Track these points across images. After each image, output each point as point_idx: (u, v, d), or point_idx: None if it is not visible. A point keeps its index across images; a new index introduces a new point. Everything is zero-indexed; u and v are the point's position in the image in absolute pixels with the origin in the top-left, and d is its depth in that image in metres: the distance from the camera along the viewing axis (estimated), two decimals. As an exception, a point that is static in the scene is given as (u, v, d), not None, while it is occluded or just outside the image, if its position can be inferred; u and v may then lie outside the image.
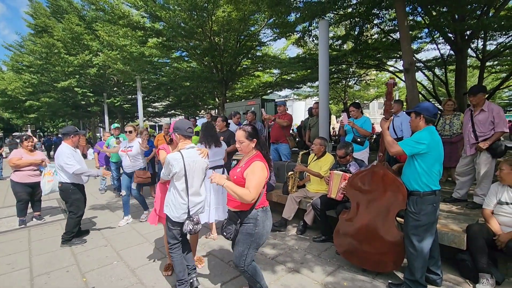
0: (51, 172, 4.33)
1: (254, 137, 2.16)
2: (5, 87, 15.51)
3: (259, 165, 2.07)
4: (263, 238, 2.19)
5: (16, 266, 3.26)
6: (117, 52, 11.90)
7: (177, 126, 2.57)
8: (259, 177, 2.05)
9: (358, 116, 4.56)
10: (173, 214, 2.45)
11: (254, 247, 2.18)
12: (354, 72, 12.57)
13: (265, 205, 2.21)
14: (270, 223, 2.20)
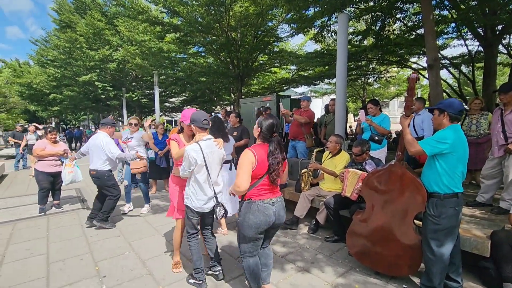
0: (72, 164, 4.51)
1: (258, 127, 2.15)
2: (31, 80, 16.22)
3: (243, 153, 2.08)
4: (246, 230, 2.11)
5: (34, 252, 3.37)
6: (136, 47, 12.14)
7: (193, 118, 2.55)
8: (240, 165, 2.04)
9: (376, 114, 4.38)
10: (194, 204, 2.51)
11: (242, 238, 2.19)
12: (374, 68, 12.16)
13: (252, 198, 2.10)
14: (254, 217, 2.07)
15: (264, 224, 2.10)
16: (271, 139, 2.09)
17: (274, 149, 2.06)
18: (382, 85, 18.54)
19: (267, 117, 2.13)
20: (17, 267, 3.02)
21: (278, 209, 2.15)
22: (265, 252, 2.35)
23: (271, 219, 2.11)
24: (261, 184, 2.09)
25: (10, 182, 7.69)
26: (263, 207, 2.08)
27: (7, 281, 2.74)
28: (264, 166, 2.04)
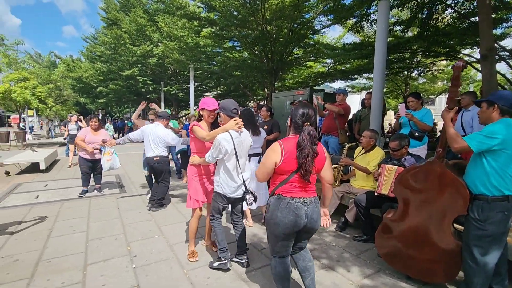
0: (110, 152, 4.86)
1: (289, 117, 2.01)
2: (81, 75, 17.71)
3: (271, 146, 1.95)
4: (272, 228, 1.93)
5: (76, 229, 3.69)
6: (175, 43, 12.60)
7: (223, 106, 2.59)
8: (264, 157, 1.96)
9: (417, 108, 4.04)
10: (225, 191, 2.58)
11: (269, 236, 2.05)
12: (419, 61, 11.22)
13: (283, 194, 1.89)
14: (282, 215, 1.86)
15: (293, 225, 1.87)
16: (302, 129, 1.86)
17: (302, 140, 1.81)
18: (428, 80, 17.13)
19: (298, 106, 1.96)
20: (61, 241, 3.32)
21: (311, 211, 1.89)
22: (301, 254, 2.15)
23: (302, 221, 1.87)
24: (292, 180, 1.87)
25: (61, 166, 8.49)
26: (293, 205, 1.85)
27: (53, 253, 3.03)
28: (294, 160, 1.84)
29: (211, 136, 2.57)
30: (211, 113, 2.76)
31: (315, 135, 1.84)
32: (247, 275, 2.64)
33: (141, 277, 2.59)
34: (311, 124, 1.88)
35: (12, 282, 2.49)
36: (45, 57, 26.05)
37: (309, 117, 1.89)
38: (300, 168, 1.82)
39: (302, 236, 2.03)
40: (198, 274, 2.65)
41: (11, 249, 3.11)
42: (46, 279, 2.55)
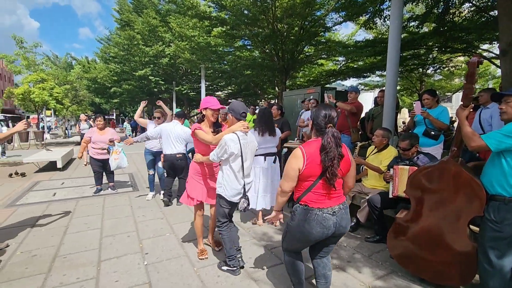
0: (118, 151, 4.94)
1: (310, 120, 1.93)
2: (96, 75, 18.16)
3: (292, 152, 1.86)
4: (297, 235, 1.90)
5: (91, 226, 3.79)
6: (186, 43, 12.74)
7: (233, 108, 2.58)
8: (286, 166, 1.86)
9: (433, 106, 3.91)
10: (227, 193, 2.52)
11: (289, 240, 2.01)
12: (435, 58, 10.88)
13: (310, 205, 1.80)
14: (309, 227, 1.80)
15: (320, 236, 1.83)
16: (325, 131, 1.78)
17: (327, 142, 1.73)
18: (444, 77, 16.62)
19: (320, 107, 1.87)
20: (77, 237, 3.42)
21: (339, 219, 1.83)
22: (322, 261, 2.08)
23: (329, 231, 1.82)
24: (317, 187, 1.79)
25: (77, 164, 8.74)
26: (321, 217, 1.78)
27: (68, 249, 3.12)
28: (318, 165, 1.76)
29: (218, 139, 2.54)
30: (215, 113, 2.73)
31: (339, 136, 1.78)
32: (257, 274, 2.64)
33: (152, 274, 2.63)
34: (334, 125, 1.82)
35: (30, 277, 2.59)
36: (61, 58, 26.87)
37: (332, 118, 1.82)
38: (326, 172, 1.74)
39: (329, 241, 1.96)
40: (208, 272, 2.67)
41: (30, 244, 3.22)
42: (62, 274, 2.63)
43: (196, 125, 2.69)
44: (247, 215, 4.17)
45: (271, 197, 3.63)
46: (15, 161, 9.16)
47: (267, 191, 3.58)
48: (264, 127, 3.53)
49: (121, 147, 5.00)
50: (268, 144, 3.58)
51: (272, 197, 3.64)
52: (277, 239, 3.40)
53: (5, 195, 5.24)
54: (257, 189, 3.56)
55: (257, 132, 3.49)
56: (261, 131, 3.49)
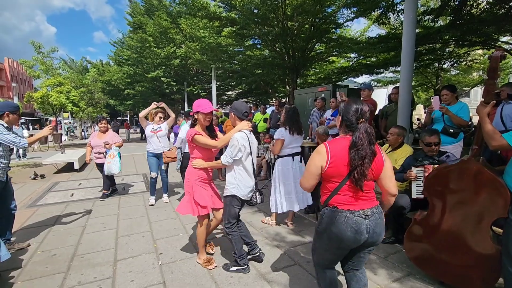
0: (113, 155, 4.86)
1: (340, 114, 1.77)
2: (110, 78, 18.57)
3: (316, 149, 1.72)
4: (325, 242, 1.73)
5: (107, 226, 3.88)
6: (197, 44, 12.84)
7: (236, 107, 2.58)
8: (308, 162, 1.73)
9: (452, 102, 3.77)
10: (242, 192, 2.54)
11: (317, 250, 1.83)
12: (452, 52, 10.50)
13: (338, 207, 1.65)
14: (338, 231, 1.63)
15: (351, 242, 1.64)
16: (357, 127, 1.61)
17: (358, 139, 1.56)
18: (462, 71, 16.06)
19: (350, 102, 1.73)
20: (93, 237, 3.50)
21: (373, 224, 1.63)
22: (356, 275, 1.86)
23: (361, 237, 1.62)
24: (344, 188, 1.63)
25: (93, 166, 8.93)
26: (352, 220, 1.61)
27: (86, 248, 3.20)
28: (345, 164, 1.60)
29: (224, 141, 2.52)
30: (207, 116, 2.60)
31: (373, 133, 1.60)
32: (270, 275, 2.63)
33: (166, 274, 2.66)
34: (367, 120, 1.66)
35: (50, 275, 2.67)
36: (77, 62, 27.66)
37: (364, 113, 1.64)
38: (353, 171, 1.57)
39: (361, 250, 1.75)
40: (221, 272, 2.68)
41: (50, 244, 3.33)
42: (80, 273, 2.70)
43: (193, 130, 2.53)
44: (257, 215, 4.17)
45: (303, 197, 3.62)
46: (35, 162, 9.51)
47: (299, 191, 3.57)
48: (295, 125, 3.49)
49: (117, 151, 4.93)
50: (296, 144, 3.56)
51: (305, 196, 3.63)
52: (290, 239, 3.37)
53: (26, 195, 5.44)
54: (290, 190, 3.53)
55: (288, 131, 3.45)
56: (292, 129, 3.44)
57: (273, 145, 3.74)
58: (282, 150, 3.54)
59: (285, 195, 3.55)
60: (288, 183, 3.55)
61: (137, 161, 9.80)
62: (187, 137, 2.56)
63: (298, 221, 3.95)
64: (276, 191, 3.62)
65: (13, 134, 2.94)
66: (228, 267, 2.70)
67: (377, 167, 1.64)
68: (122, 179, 6.80)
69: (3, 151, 2.93)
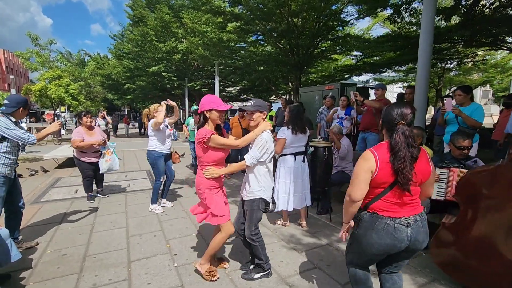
0: (110, 152, 4.60)
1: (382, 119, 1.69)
2: (110, 72, 18.29)
3: (361, 156, 1.63)
4: (363, 246, 1.68)
5: (116, 224, 3.77)
6: (199, 38, 12.66)
7: (260, 104, 2.44)
8: (355, 170, 1.63)
9: (465, 103, 3.72)
10: (268, 194, 2.46)
11: (355, 252, 1.78)
12: (459, 52, 10.42)
13: (378, 213, 1.61)
14: (377, 237, 1.59)
15: (390, 249, 1.62)
16: (394, 131, 1.57)
17: (395, 142, 1.53)
18: (463, 72, 16.07)
19: (392, 105, 1.66)
20: (104, 236, 3.40)
21: (415, 232, 1.59)
22: (392, 278, 1.83)
23: (402, 244, 1.59)
24: (388, 195, 1.59)
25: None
26: (393, 228, 1.57)
27: (97, 248, 3.11)
28: (391, 171, 1.55)
29: (247, 141, 2.37)
30: (222, 114, 2.37)
31: (413, 135, 1.55)
32: (291, 279, 2.56)
33: (184, 276, 2.58)
34: (408, 124, 1.58)
35: (63, 277, 2.57)
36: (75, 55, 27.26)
37: (405, 115, 1.57)
38: (399, 177, 1.52)
39: (401, 255, 1.71)
40: (239, 275, 2.60)
41: (59, 243, 3.22)
42: (94, 274, 2.60)
43: (207, 130, 2.26)
44: (271, 216, 4.10)
45: (301, 197, 3.54)
46: (35, 156, 9.34)
47: (298, 191, 3.49)
48: (299, 124, 3.41)
49: (113, 148, 4.69)
50: (299, 143, 3.47)
51: (303, 197, 3.55)
52: (306, 241, 3.31)
53: (29, 191, 5.31)
54: (288, 190, 3.46)
55: (290, 130, 3.37)
56: (295, 129, 3.37)
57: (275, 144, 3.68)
58: (284, 149, 3.48)
59: (283, 194, 3.49)
60: (287, 182, 3.49)
61: (139, 157, 9.66)
62: (200, 139, 2.25)
63: (312, 222, 3.88)
64: (275, 189, 3.54)
65: (22, 130, 2.82)
66: (250, 276, 2.54)
67: (423, 172, 1.60)
68: (126, 175, 6.68)
69: (11, 147, 2.82)
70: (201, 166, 2.38)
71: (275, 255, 2.96)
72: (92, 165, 4.62)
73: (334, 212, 4.13)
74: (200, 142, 2.26)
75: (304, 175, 3.55)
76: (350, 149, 4.28)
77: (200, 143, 2.27)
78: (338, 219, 3.98)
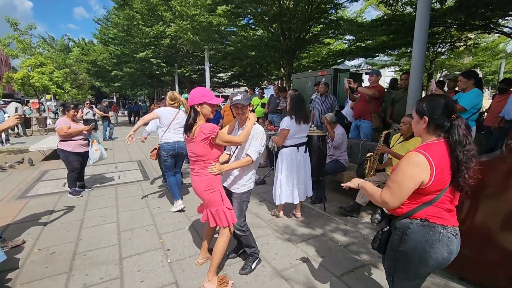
0: (96, 142, 4.57)
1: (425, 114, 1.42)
2: (96, 58, 17.59)
3: (408, 160, 1.36)
4: (414, 265, 1.42)
5: (107, 219, 3.68)
6: (188, 22, 12.18)
7: (248, 97, 2.37)
8: (400, 175, 1.37)
9: (468, 88, 3.64)
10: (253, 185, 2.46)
11: (403, 272, 1.48)
12: (452, 36, 10.31)
13: (431, 220, 1.37)
14: (433, 251, 1.37)
15: (444, 265, 1.42)
16: (452, 124, 1.37)
17: (463, 136, 1.33)
18: (455, 56, 16.06)
19: (434, 98, 1.45)
20: (93, 232, 3.31)
21: (459, 242, 1.44)
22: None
23: (452, 257, 1.42)
24: (442, 199, 1.37)
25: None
26: (446, 238, 1.36)
27: (87, 245, 3.02)
28: (447, 173, 1.34)
29: (246, 136, 2.29)
30: (214, 108, 2.18)
31: (470, 127, 1.39)
32: (287, 271, 2.54)
33: (178, 273, 2.53)
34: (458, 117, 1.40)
35: (52, 277, 2.49)
36: (58, 40, 26.07)
37: (454, 107, 1.39)
38: (459, 178, 1.33)
39: None
40: (235, 270, 2.57)
41: (47, 240, 3.12)
42: (85, 273, 2.53)
43: (212, 125, 2.05)
44: (263, 207, 4.07)
45: (304, 188, 3.51)
46: (20, 148, 9.04)
47: (301, 182, 3.45)
48: (302, 114, 3.31)
49: (96, 137, 4.63)
50: (302, 133, 3.39)
51: (305, 188, 3.53)
52: (300, 232, 3.29)
53: (15, 185, 5.13)
54: (292, 182, 3.41)
55: (294, 121, 3.27)
56: (299, 119, 3.27)
57: (275, 137, 3.58)
58: (286, 141, 3.38)
59: (286, 186, 3.45)
60: (292, 175, 3.43)
61: (130, 146, 9.46)
62: (208, 134, 2.02)
63: (306, 212, 3.87)
64: (278, 182, 3.50)
65: None
66: (248, 269, 2.50)
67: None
68: (116, 167, 6.53)
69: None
70: (204, 165, 2.15)
71: (270, 248, 2.94)
72: (80, 156, 4.45)
73: (328, 201, 4.12)
74: (207, 138, 2.04)
75: (306, 166, 3.50)
76: (345, 138, 4.23)
77: (207, 139, 2.05)
78: (332, 208, 3.98)
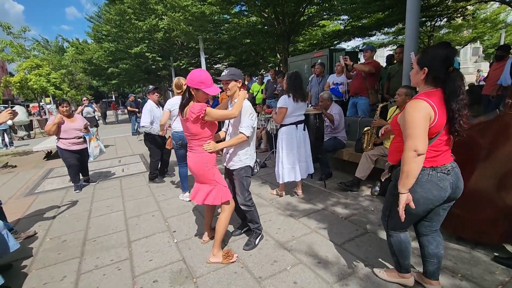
0: (95, 138, 4.64)
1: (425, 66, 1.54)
2: (91, 56, 17.51)
3: (412, 106, 1.48)
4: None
5: (113, 208, 3.78)
6: (180, 14, 12.05)
7: (234, 73, 2.33)
8: (413, 122, 1.46)
9: None
10: (252, 161, 2.50)
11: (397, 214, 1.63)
12: (449, 7, 10.09)
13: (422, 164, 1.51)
14: (423, 191, 1.56)
15: (437, 201, 1.59)
16: (449, 77, 1.48)
17: (457, 87, 1.45)
18: (453, 30, 15.77)
19: (432, 48, 1.56)
20: (101, 221, 3.42)
21: (455, 178, 1.59)
22: (435, 239, 1.80)
23: (446, 193, 1.57)
24: (434, 144, 1.52)
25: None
26: (436, 177, 1.54)
27: (96, 232, 3.13)
28: (443, 118, 1.49)
29: (239, 108, 2.29)
30: (209, 96, 2.24)
31: (464, 78, 1.51)
32: (289, 243, 2.62)
33: (184, 250, 2.63)
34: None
35: (65, 261, 2.60)
36: (52, 42, 25.87)
37: (453, 58, 1.49)
38: (454, 124, 1.48)
39: (441, 207, 1.67)
40: (239, 245, 2.66)
41: (57, 230, 3.23)
42: (96, 257, 2.64)
43: (202, 104, 2.11)
44: (265, 187, 4.14)
45: (306, 166, 3.57)
46: (24, 150, 9.17)
47: (302, 160, 3.51)
48: (299, 92, 3.33)
49: (94, 134, 4.70)
50: (300, 111, 3.43)
51: (306, 165, 3.59)
52: (302, 208, 3.37)
53: (22, 184, 5.25)
54: (293, 160, 3.46)
55: (291, 99, 3.30)
56: (296, 97, 3.30)
57: (275, 114, 3.61)
58: (285, 119, 3.42)
59: (288, 165, 3.50)
60: (292, 153, 3.48)
61: (131, 142, 9.56)
62: (197, 113, 2.06)
63: (306, 189, 3.94)
64: (279, 161, 3.55)
65: None
66: (252, 245, 2.58)
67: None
68: (119, 161, 6.63)
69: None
70: (200, 143, 2.23)
71: (272, 224, 3.03)
72: (74, 153, 4.45)
73: (328, 178, 4.19)
74: (197, 118, 2.08)
75: (306, 143, 3.55)
76: (342, 116, 4.26)
77: (198, 119, 2.10)
78: (332, 184, 4.05)
